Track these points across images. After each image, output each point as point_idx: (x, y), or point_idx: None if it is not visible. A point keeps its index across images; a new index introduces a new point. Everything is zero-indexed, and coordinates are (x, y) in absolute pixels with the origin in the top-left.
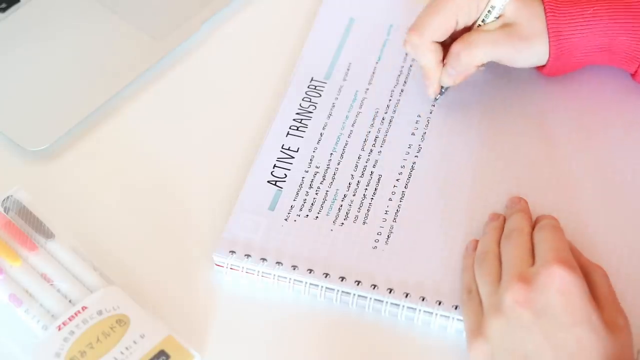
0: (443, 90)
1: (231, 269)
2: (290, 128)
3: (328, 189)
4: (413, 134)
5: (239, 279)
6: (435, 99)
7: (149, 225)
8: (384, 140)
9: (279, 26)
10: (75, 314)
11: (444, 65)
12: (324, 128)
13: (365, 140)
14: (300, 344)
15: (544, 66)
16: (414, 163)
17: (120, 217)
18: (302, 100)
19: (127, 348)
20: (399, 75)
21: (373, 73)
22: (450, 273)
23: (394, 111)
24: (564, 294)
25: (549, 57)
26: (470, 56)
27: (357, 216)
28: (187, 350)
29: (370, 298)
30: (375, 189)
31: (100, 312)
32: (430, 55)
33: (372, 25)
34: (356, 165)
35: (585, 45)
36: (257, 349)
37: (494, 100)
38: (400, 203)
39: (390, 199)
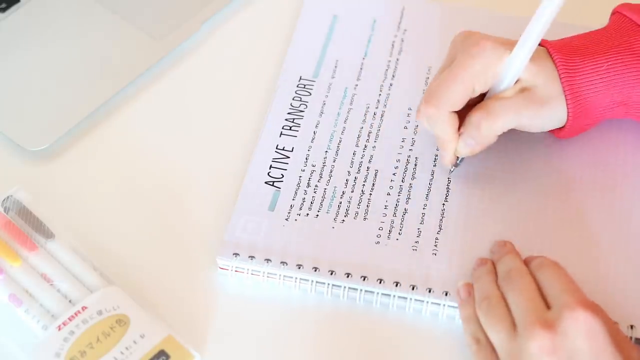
0: (459, 162)
1: (236, 271)
2: (283, 128)
3: (326, 187)
4: (405, 127)
5: (239, 278)
6: (451, 171)
7: (149, 225)
8: (377, 135)
9: (279, 26)
10: (75, 314)
11: (460, 134)
12: (316, 126)
13: (359, 136)
14: (303, 342)
15: (561, 129)
16: (409, 156)
17: (120, 217)
18: (293, 99)
19: (127, 348)
20: (387, 70)
21: (360, 69)
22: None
23: (385, 106)
24: (591, 338)
25: (567, 119)
26: (492, 126)
27: (357, 212)
28: (187, 350)
29: (378, 293)
30: (373, 184)
31: (100, 312)
32: (447, 127)
33: (356, 21)
34: (352, 162)
35: (602, 102)
36: (257, 348)
37: None
38: (399, 197)
39: (388, 194)
